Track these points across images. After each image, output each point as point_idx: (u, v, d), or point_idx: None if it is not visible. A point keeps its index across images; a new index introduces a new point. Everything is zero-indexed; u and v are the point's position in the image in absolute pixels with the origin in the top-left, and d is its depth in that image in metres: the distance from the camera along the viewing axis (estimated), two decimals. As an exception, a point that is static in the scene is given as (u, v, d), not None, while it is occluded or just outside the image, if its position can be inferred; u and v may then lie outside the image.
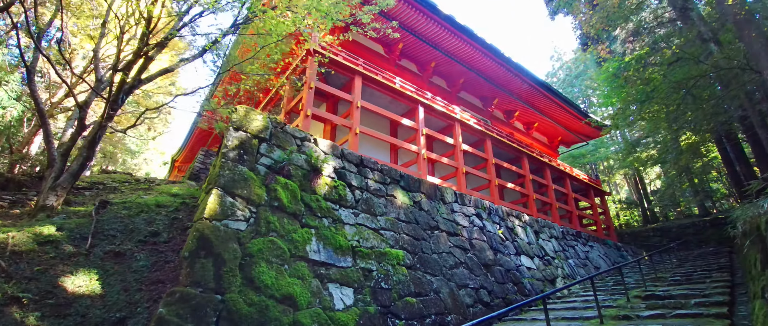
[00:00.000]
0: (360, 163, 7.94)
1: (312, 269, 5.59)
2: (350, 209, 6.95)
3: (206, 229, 4.82)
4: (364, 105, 10.39)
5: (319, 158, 6.82)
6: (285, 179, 6.08)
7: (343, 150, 7.70)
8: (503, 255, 9.62)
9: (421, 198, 8.79)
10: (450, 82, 17.45)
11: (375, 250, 6.64)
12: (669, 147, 13.94)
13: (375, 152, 12.32)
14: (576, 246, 14.15)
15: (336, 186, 6.93)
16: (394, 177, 8.52)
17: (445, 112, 12.86)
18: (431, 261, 7.50)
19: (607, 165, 32.53)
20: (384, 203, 7.75)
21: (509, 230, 10.96)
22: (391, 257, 6.77)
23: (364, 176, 7.76)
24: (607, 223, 19.74)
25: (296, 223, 5.88)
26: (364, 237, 6.68)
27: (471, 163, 15.55)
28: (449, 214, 9.24)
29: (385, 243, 6.95)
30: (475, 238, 9.23)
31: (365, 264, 6.31)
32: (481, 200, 10.98)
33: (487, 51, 15.03)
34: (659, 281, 9.67)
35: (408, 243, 7.40)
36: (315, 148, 7.07)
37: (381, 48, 15.40)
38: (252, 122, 6.20)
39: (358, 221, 6.88)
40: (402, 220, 7.76)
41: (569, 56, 37.24)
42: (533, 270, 10.25)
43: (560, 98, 18.60)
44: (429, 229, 8.22)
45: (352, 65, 10.67)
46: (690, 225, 23.47)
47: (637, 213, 30.31)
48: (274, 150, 6.32)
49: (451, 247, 8.32)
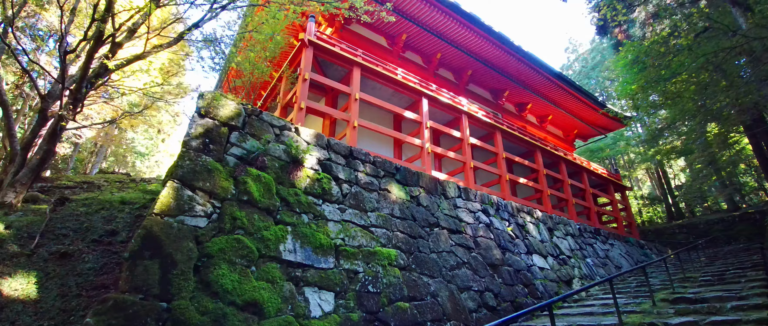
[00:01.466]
0: (349, 155, 7.24)
1: (285, 271, 4.92)
2: (336, 204, 6.26)
3: (155, 226, 4.18)
4: (363, 97, 9.72)
5: (300, 148, 6.15)
6: (258, 171, 5.43)
7: (330, 140, 7.01)
8: (512, 255, 8.81)
9: (419, 192, 8.05)
10: (457, 75, 16.64)
11: (363, 249, 5.93)
12: (696, 132, 12.67)
13: (377, 147, 11.65)
14: (594, 244, 13.20)
15: (319, 179, 6.24)
16: (388, 170, 7.80)
17: (450, 104, 12.10)
18: (429, 262, 6.76)
19: (628, 160, 31.21)
20: (376, 198, 7.03)
21: (520, 227, 10.13)
22: (381, 257, 6.05)
23: (353, 169, 7.06)
24: (629, 220, 18.65)
25: (269, 220, 5.21)
26: (351, 234, 5.98)
27: (481, 158, 14.79)
28: (452, 210, 8.47)
29: (375, 242, 6.23)
30: (480, 236, 8.45)
31: (350, 264, 5.60)
32: (488, 195, 10.18)
33: (495, 40, 14.21)
34: (688, 281, 8.73)
35: (402, 241, 6.67)
36: (296, 138, 6.40)
37: (384, 40, 14.71)
38: (221, 108, 5.56)
39: (345, 217, 6.18)
40: (396, 217, 7.03)
41: (585, 47, 35.98)
42: (547, 271, 9.40)
43: (575, 88, 17.61)
44: (428, 226, 7.48)
45: (350, 56, 10.01)
46: (718, 220, 22.36)
47: (661, 209, 28.97)
48: (247, 139, 5.68)
49: (452, 246, 7.56)
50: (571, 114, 19.95)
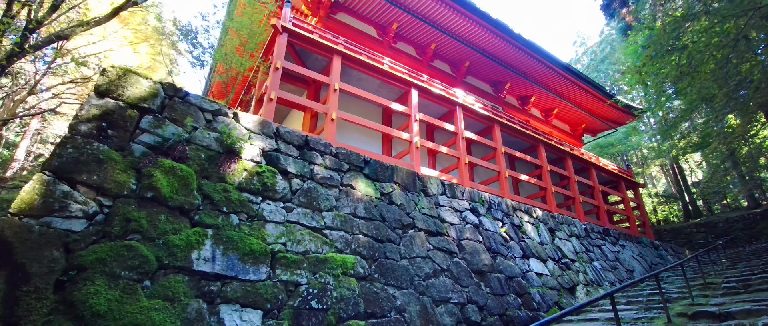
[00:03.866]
0: (304, 145, 6.21)
1: (196, 285, 3.91)
2: (280, 202, 5.24)
3: (8, 230, 3.21)
4: (346, 89, 8.76)
5: (236, 137, 5.15)
6: (174, 163, 4.43)
7: (280, 128, 5.99)
8: (504, 259, 7.69)
9: (393, 189, 6.99)
10: (454, 67, 15.56)
11: (310, 256, 4.90)
12: (714, 119, 11.19)
13: (365, 144, 10.63)
14: (603, 245, 11.99)
15: (261, 172, 5.22)
16: (354, 163, 6.74)
17: (444, 96, 11.03)
18: (397, 269, 5.69)
19: (641, 156, 29.73)
20: (336, 195, 6.00)
21: (515, 228, 9.00)
22: (334, 264, 5.01)
23: (308, 161, 6.03)
24: (642, 219, 17.34)
25: (182, 221, 4.21)
26: (295, 238, 4.95)
27: (479, 154, 13.73)
28: (432, 209, 7.39)
29: (328, 247, 5.20)
30: (466, 238, 7.35)
31: (290, 275, 4.57)
32: (479, 192, 9.08)
33: (492, 27, 13.11)
34: (709, 289, 7.54)
35: (365, 245, 5.63)
36: (233, 125, 5.39)
37: (373, 30, 13.70)
38: (130, 87, 4.58)
39: (291, 218, 5.16)
40: (360, 217, 5.98)
41: (593, 40, 34.59)
42: (546, 277, 8.27)
43: (580, 78, 16.39)
44: (400, 228, 6.41)
45: (329, 43, 9.04)
46: (738, 218, 21.09)
47: (677, 207, 27.48)
48: (165, 125, 4.69)
49: (429, 250, 6.48)
50: (578, 107, 18.72)
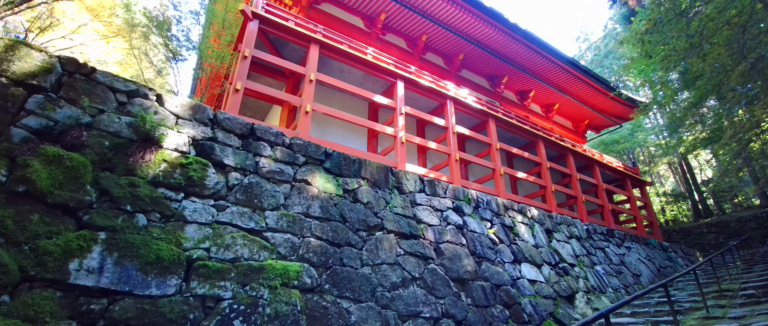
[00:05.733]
0: (249, 134, 5.34)
1: (71, 303, 3.07)
2: (209, 200, 4.39)
3: None
4: (322, 79, 7.98)
5: (156, 122, 4.31)
6: (62, 151, 3.60)
7: (218, 114, 5.12)
8: (491, 264, 6.77)
9: (359, 185, 6.11)
10: (448, 60, 14.70)
11: (241, 264, 4.03)
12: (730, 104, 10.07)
13: (348, 140, 9.81)
14: (607, 248, 11.02)
15: (186, 164, 4.37)
16: (313, 155, 5.87)
17: (433, 88, 10.17)
18: (356, 279, 4.81)
19: (648, 154, 28.63)
20: (286, 192, 5.14)
21: (506, 229, 8.08)
22: (272, 274, 4.14)
23: (253, 153, 5.18)
24: (650, 219, 16.33)
25: (65, 222, 3.37)
26: (223, 243, 4.09)
27: (476, 150, 12.87)
28: (407, 208, 6.50)
29: (267, 252, 4.33)
30: (446, 242, 6.45)
31: (210, 288, 3.71)
32: (465, 189, 8.18)
33: (486, 16, 12.26)
34: (725, 298, 6.57)
35: (317, 250, 4.76)
36: (154, 109, 4.54)
37: (360, 21, 12.88)
38: (18, 62, 3.76)
39: (222, 218, 4.30)
40: (313, 217, 5.11)
41: (597, 36, 33.61)
42: (540, 284, 7.34)
43: (581, 70, 15.44)
44: (365, 230, 5.53)
45: (305, 31, 8.25)
46: (751, 217, 20.08)
47: (686, 206, 26.37)
48: (59, 107, 3.86)
49: (399, 256, 5.59)
50: (580, 101, 17.77)
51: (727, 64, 7.19)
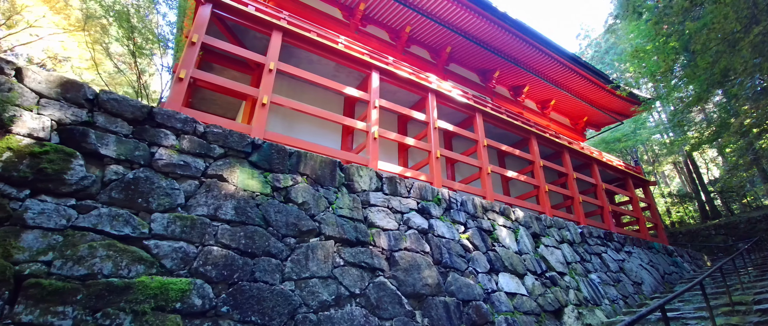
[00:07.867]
0: (145, 120, 4.34)
1: None
2: (70, 198, 3.44)
3: None
4: (284, 69, 7.10)
5: (4, 100, 3.36)
6: None
7: (100, 94, 4.13)
8: (460, 275, 5.76)
9: (295, 182, 5.13)
10: (434, 53, 13.78)
11: (95, 283, 3.08)
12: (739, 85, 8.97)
13: (319, 137, 8.91)
14: (604, 253, 9.95)
15: (40, 153, 3.41)
16: (234, 146, 4.88)
17: (413, 80, 9.21)
18: (269, 298, 3.83)
19: (652, 153, 27.48)
20: (190, 190, 4.18)
21: (484, 233, 7.06)
22: (142, 295, 3.18)
23: (149, 142, 4.21)
24: (654, 221, 15.24)
25: None
26: (76, 254, 3.14)
27: (463, 148, 11.90)
28: (356, 210, 5.51)
29: (144, 266, 3.38)
30: (403, 249, 5.46)
31: (41, 315, 2.76)
32: (433, 187, 7.18)
33: (474, 5, 11.37)
34: (737, 313, 5.53)
35: (219, 262, 3.79)
36: (8, 84, 3.57)
37: (338, 12, 11.99)
38: None
39: (80, 222, 3.35)
40: (222, 220, 4.14)
41: (598, 32, 32.59)
42: (521, 298, 6.31)
43: (579, 64, 14.44)
44: (294, 236, 4.55)
45: (266, 17, 7.34)
46: (762, 218, 19.11)
47: (693, 207, 25.23)
48: None
49: (337, 267, 4.61)
50: (578, 97, 16.75)
51: (736, 30, 6.16)
